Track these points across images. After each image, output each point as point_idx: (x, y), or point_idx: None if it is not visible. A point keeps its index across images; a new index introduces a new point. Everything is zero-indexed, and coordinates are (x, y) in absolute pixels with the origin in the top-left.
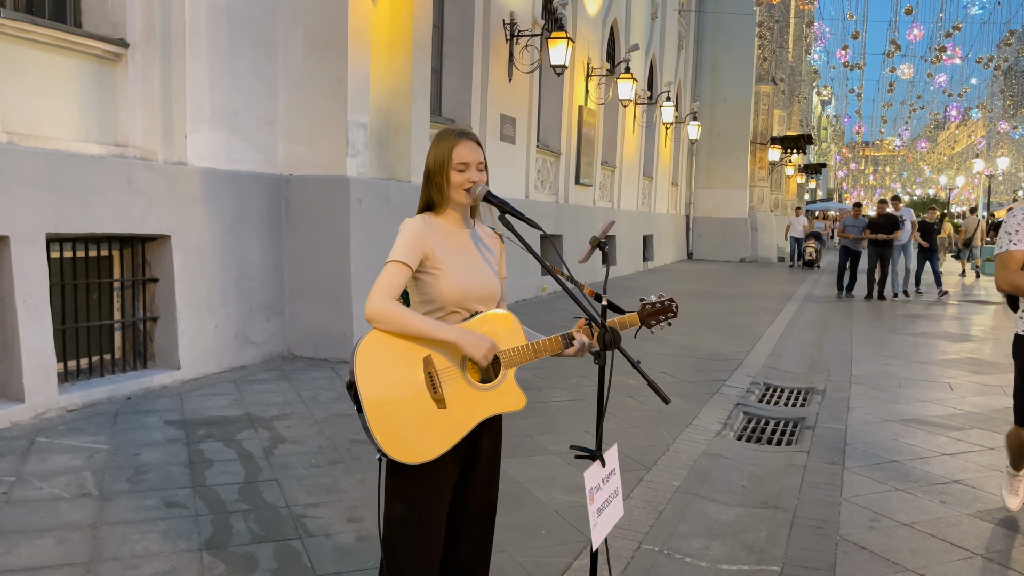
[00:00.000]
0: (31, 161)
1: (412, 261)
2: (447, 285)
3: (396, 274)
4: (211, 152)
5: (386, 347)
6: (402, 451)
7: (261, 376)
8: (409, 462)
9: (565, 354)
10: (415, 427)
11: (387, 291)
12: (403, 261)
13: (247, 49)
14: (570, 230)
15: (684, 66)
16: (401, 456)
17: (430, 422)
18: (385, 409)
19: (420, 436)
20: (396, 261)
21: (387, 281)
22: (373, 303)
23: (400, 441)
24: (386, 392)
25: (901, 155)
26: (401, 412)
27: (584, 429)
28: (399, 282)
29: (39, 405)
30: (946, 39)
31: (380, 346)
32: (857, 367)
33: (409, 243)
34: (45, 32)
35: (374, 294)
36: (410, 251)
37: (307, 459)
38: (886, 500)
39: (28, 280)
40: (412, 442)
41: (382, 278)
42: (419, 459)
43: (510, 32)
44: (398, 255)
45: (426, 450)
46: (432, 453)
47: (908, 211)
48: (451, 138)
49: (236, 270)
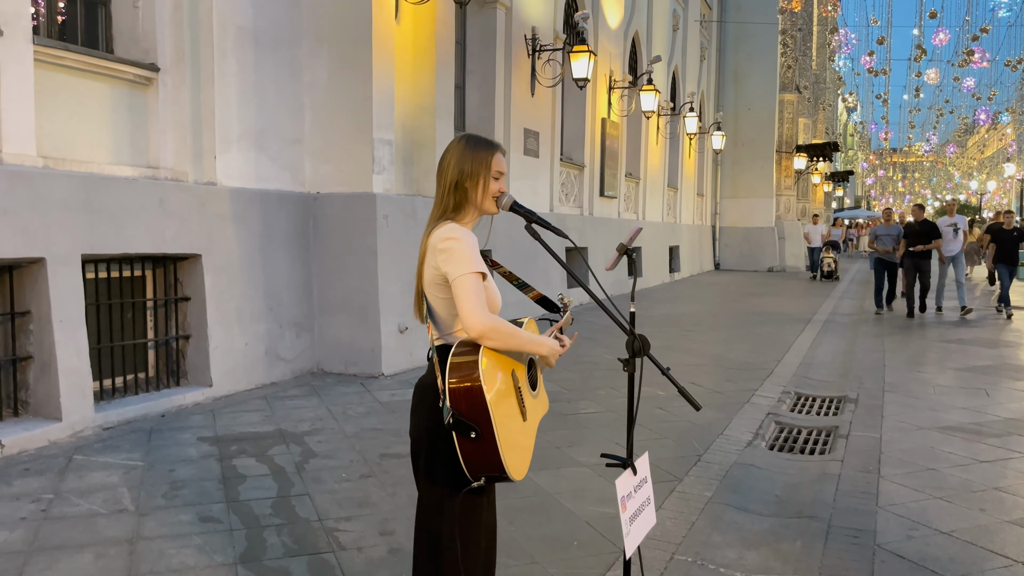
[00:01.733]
0: (66, 184)
1: (485, 268)
2: (493, 295)
3: (479, 284)
4: (240, 172)
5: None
6: (517, 468)
7: (291, 392)
8: (520, 478)
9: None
10: (519, 443)
11: (481, 303)
12: (480, 271)
13: (273, 70)
14: (595, 242)
15: (707, 76)
16: (518, 473)
17: (524, 435)
18: (505, 430)
19: (523, 450)
20: (474, 272)
21: (476, 294)
22: (481, 318)
23: (516, 459)
24: (504, 412)
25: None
26: (511, 430)
27: (614, 440)
28: (483, 292)
29: (76, 423)
30: (973, 42)
31: (493, 361)
32: (890, 375)
33: (474, 250)
34: (78, 58)
35: (475, 310)
36: (479, 260)
37: (338, 473)
38: (923, 509)
39: (64, 300)
40: (520, 456)
41: (469, 292)
42: (523, 473)
43: (532, 47)
44: (473, 265)
45: (526, 462)
46: (527, 465)
47: (961, 219)
48: (489, 147)
49: (265, 287)
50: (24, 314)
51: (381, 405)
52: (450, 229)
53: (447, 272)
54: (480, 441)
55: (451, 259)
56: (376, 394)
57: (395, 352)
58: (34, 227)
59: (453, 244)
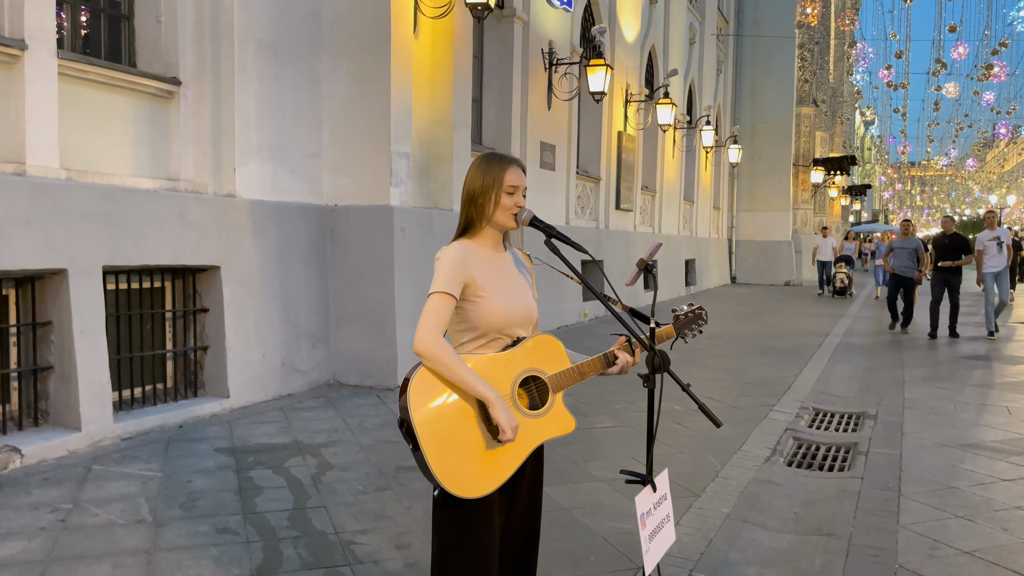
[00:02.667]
0: (88, 196)
1: (455, 290)
2: (491, 311)
3: (442, 305)
4: (259, 184)
5: (438, 380)
6: (462, 486)
7: (308, 404)
8: (469, 497)
9: (608, 372)
10: (473, 461)
11: (436, 325)
12: (447, 291)
13: (292, 83)
14: (611, 255)
15: (723, 90)
16: (461, 491)
17: (488, 454)
18: (443, 444)
19: (479, 469)
20: (440, 292)
21: (434, 313)
22: (424, 338)
23: (460, 476)
24: (442, 427)
25: (949, 175)
26: (458, 446)
27: (630, 455)
28: (445, 314)
29: (95, 434)
30: (992, 56)
31: (432, 380)
32: (909, 391)
33: (450, 272)
34: (102, 72)
35: (423, 328)
36: (452, 280)
37: (354, 486)
38: (945, 527)
39: (85, 311)
40: (472, 476)
41: (429, 311)
42: (479, 493)
43: (549, 60)
44: (441, 286)
45: (485, 483)
46: (491, 486)
47: (1004, 231)
48: (502, 162)
49: (283, 299)
50: (45, 324)
51: (397, 417)
52: (443, 250)
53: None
54: (419, 453)
55: (434, 277)
56: (392, 406)
57: (411, 364)
58: (56, 238)
59: (437, 264)
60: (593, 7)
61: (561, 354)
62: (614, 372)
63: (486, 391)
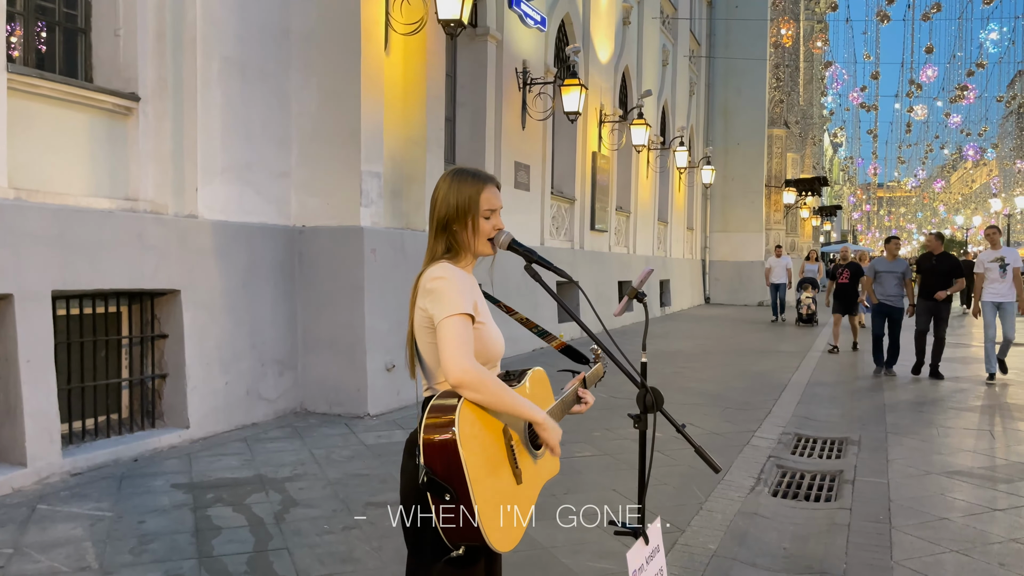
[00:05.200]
0: (38, 217)
1: (473, 311)
2: (491, 341)
3: (466, 328)
4: (223, 205)
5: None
6: (501, 538)
7: (273, 434)
8: (507, 549)
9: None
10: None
11: (468, 349)
12: (467, 312)
13: (260, 101)
14: (586, 276)
15: (696, 111)
16: (501, 544)
17: (515, 499)
18: (487, 494)
19: (513, 519)
20: (460, 314)
21: (461, 338)
22: (464, 365)
23: (498, 527)
24: (485, 472)
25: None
26: (496, 494)
27: (611, 487)
28: (471, 336)
29: (42, 470)
30: (968, 77)
31: (475, 414)
32: (891, 415)
33: (462, 291)
34: (55, 87)
35: (457, 355)
36: (467, 300)
37: (320, 524)
38: (941, 563)
39: (32, 339)
40: (507, 526)
41: (453, 335)
42: (514, 543)
43: (523, 80)
44: (459, 306)
45: (516, 533)
46: (520, 533)
47: (1012, 252)
48: (476, 181)
49: (248, 324)
50: None
51: (367, 448)
52: (440, 268)
53: (433, 314)
54: (455, 505)
55: (437, 300)
56: (362, 436)
57: (382, 391)
58: (2, 262)
59: (440, 284)
60: (567, 27)
61: (548, 389)
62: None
63: (537, 414)
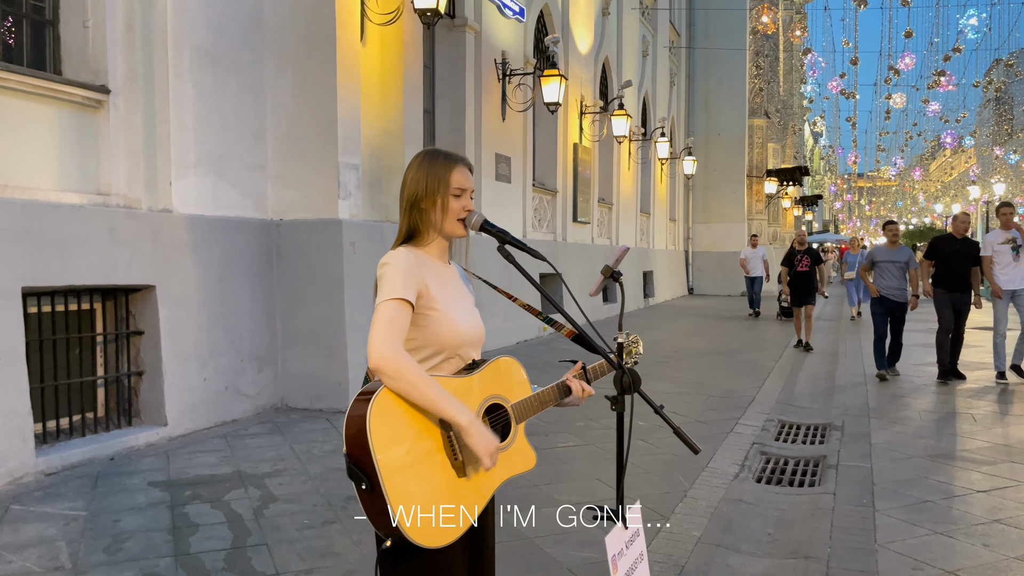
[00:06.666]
0: (6, 212)
1: (411, 296)
2: (447, 327)
3: (398, 313)
4: (197, 199)
5: (399, 403)
6: (427, 533)
7: (253, 430)
8: (435, 546)
9: (564, 403)
10: (437, 501)
11: (394, 334)
12: (404, 297)
13: (234, 92)
14: (569, 268)
15: (677, 102)
16: (427, 540)
17: (454, 494)
18: (406, 483)
19: (444, 512)
20: (396, 298)
21: (389, 321)
22: (382, 350)
23: (425, 521)
24: (405, 462)
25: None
26: (424, 485)
27: (595, 476)
28: (402, 322)
29: (15, 470)
30: (945, 63)
31: (394, 403)
32: (873, 399)
33: (404, 276)
34: (22, 80)
35: (379, 339)
36: (407, 285)
37: (300, 519)
38: (925, 545)
39: (2, 337)
40: (437, 521)
41: (382, 318)
42: (446, 540)
43: (502, 71)
44: (396, 291)
45: (451, 529)
46: (458, 532)
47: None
48: (447, 161)
49: (226, 319)
50: None
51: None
52: (389, 255)
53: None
54: (372, 495)
55: (381, 284)
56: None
57: None
58: None
59: (383, 270)
60: (546, 17)
61: (522, 379)
62: (570, 403)
63: (460, 415)
